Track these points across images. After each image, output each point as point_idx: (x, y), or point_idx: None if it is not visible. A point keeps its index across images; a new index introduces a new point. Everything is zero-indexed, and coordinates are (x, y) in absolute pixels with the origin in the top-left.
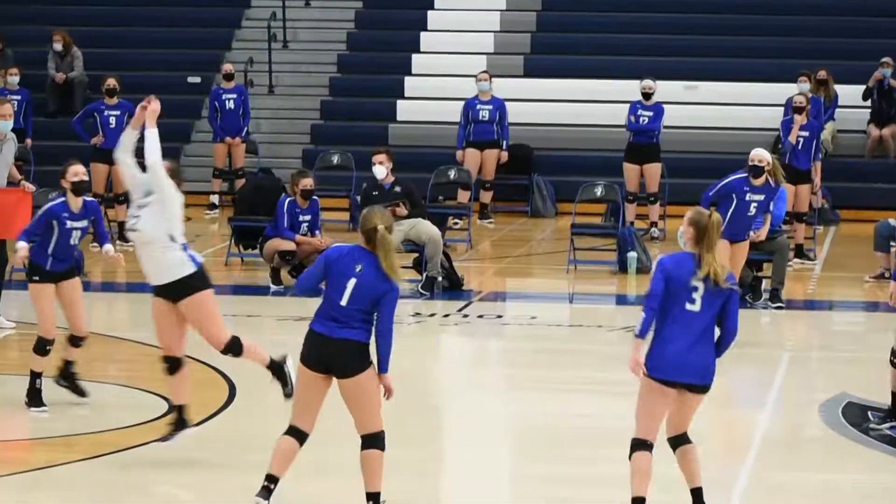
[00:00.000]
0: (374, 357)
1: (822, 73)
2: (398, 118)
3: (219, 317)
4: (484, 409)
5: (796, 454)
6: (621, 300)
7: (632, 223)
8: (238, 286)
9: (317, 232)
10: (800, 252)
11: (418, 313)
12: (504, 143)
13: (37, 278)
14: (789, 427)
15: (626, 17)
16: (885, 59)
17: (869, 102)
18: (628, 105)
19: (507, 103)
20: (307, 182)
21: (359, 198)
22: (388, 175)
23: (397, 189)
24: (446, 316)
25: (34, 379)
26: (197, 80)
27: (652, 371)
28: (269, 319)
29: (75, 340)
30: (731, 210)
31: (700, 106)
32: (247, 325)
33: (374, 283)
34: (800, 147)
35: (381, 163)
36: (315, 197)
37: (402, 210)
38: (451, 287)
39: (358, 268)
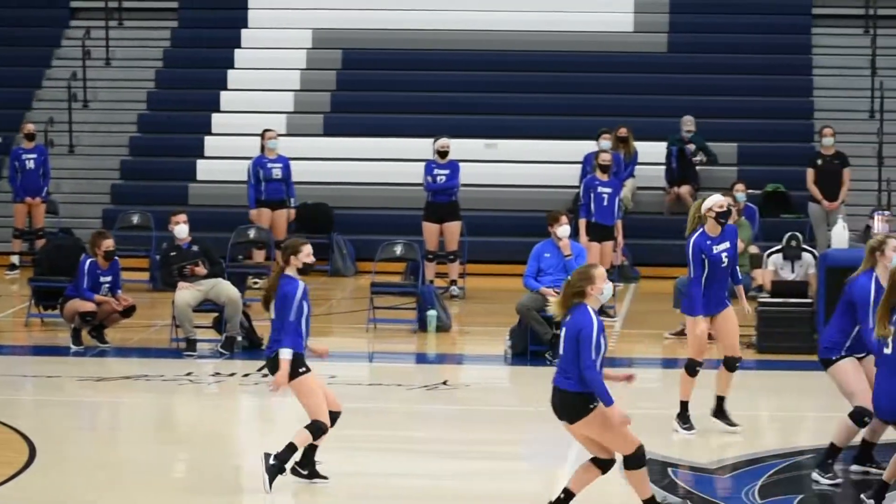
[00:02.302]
0: None
1: (623, 131)
2: (198, 177)
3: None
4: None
5: None
6: (421, 359)
7: (431, 281)
8: (38, 347)
9: (118, 292)
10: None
11: (218, 373)
12: (292, 200)
13: (303, 370)
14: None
15: (426, 75)
16: (687, 121)
17: (664, 164)
18: (424, 164)
19: (306, 162)
20: (109, 243)
21: (158, 257)
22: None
23: (195, 248)
24: (246, 375)
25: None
26: None
27: None
28: (69, 380)
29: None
30: (704, 274)
31: (500, 164)
32: (47, 385)
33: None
34: (604, 204)
35: (184, 222)
36: (116, 258)
37: (202, 269)
38: (251, 346)
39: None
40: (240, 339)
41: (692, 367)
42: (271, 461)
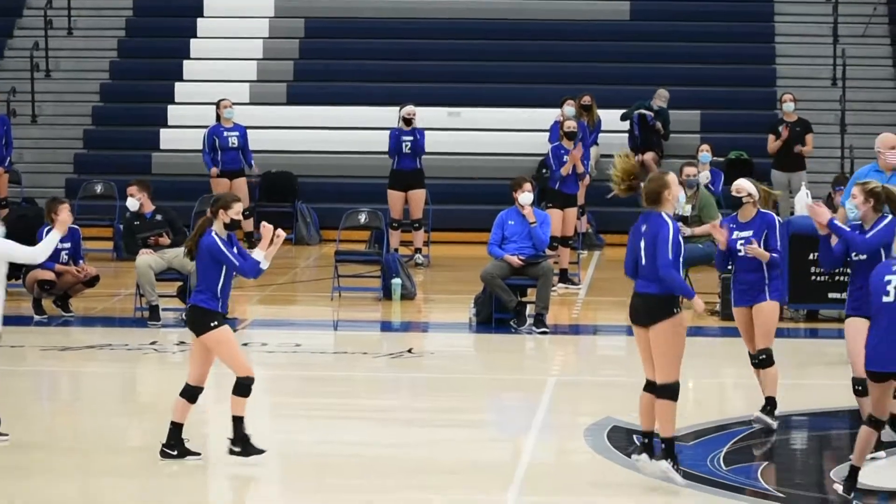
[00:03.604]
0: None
1: (587, 99)
2: (161, 147)
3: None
4: (252, 437)
5: (563, 479)
6: (386, 327)
7: (396, 250)
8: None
9: (80, 261)
10: (564, 277)
11: (183, 342)
12: (253, 166)
13: (215, 324)
14: (555, 452)
15: (389, 43)
16: (661, 95)
17: (627, 131)
18: (389, 132)
19: (270, 130)
20: (65, 208)
21: (122, 226)
22: (142, 206)
23: (158, 217)
24: None
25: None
26: None
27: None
28: (32, 349)
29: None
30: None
31: (463, 132)
32: (11, 355)
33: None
34: (569, 172)
35: (132, 195)
36: (76, 226)
37: (165, 240)
38: None
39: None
40: None
41: (752, 360)
42: (234, 448)
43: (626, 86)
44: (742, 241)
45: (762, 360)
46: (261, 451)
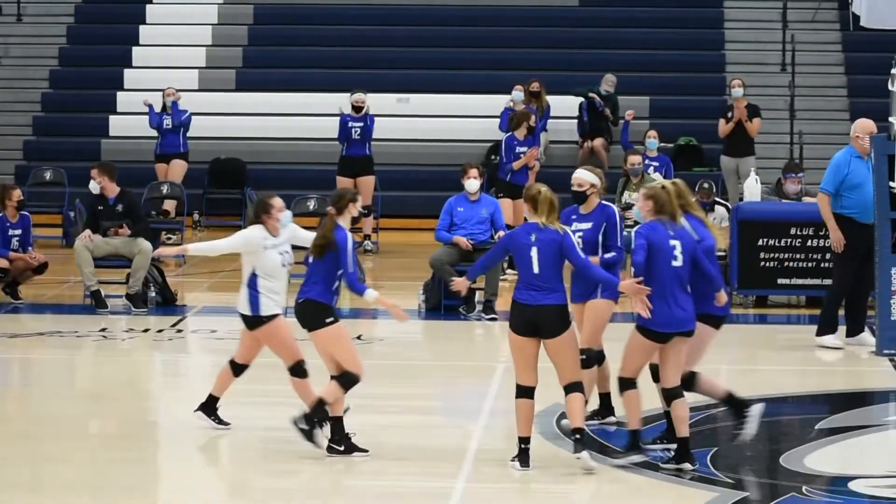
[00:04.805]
0: None
1: (535, 85)
2: (111, 133)
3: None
4: (200, 423)
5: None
6: None
7: None
8: None
9: (29, 248)
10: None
11: (132, 329)
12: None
13: (331, 319)
14: (504, 438)
15: (338, 30)
16: (608, 80)
17: (576, 117)
18: (339, 118)
19: (219, 117)
20: (18, 194)
21: (73, 214)
22: (104, 189)
23: (120, 207)
24: (160, 331)
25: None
26: None
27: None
28: None
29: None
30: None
31: (412, 118)
32: None
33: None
34: None
35: (93, 178)
36: (27, 213)
37: (125, 231)
38: (165, 302)
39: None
40: (153, 294)
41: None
42: (303, 426)
43: (575, 72)
44: (580, 234)
45: (583, 361)
46: (364, 451)
